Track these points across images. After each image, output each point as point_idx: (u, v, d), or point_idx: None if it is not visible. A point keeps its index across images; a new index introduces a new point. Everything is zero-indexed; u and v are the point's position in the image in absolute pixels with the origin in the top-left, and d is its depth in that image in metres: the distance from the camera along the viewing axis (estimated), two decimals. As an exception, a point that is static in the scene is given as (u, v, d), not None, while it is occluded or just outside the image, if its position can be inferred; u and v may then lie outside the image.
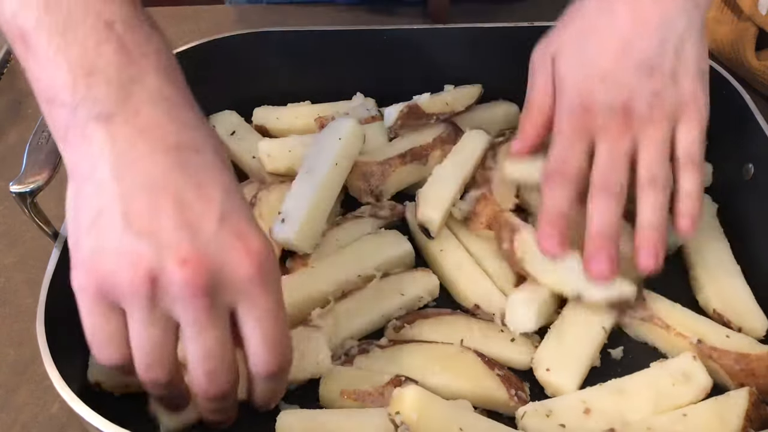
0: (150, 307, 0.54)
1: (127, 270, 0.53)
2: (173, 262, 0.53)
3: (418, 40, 1.04)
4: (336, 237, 0.89)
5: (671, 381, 0.75)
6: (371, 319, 0.83)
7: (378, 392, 0.75)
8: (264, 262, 0.56)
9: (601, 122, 0.75)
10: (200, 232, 0.54)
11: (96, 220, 0.55)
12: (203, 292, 0.54)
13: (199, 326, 0.55)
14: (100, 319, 0.56)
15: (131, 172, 0.54)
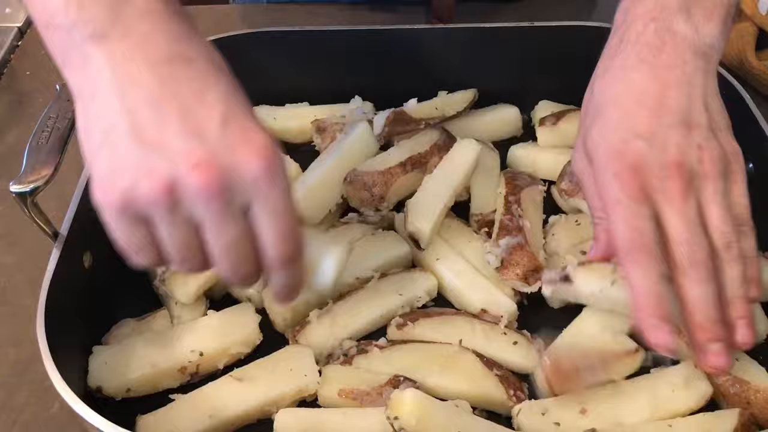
0: (172, 214, 0.58)
1: (144, 182, 0.56)
2: (186, 169, 0.56)
3: (418, 40, 1.04)
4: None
5: (671, 387, 0.75)
6: (370, 320, 0.83)
7: (376, 392, 0.75)
8: (270, 157, 0.58)
9: (658, 183, 0.68)
10: (206, 136, 0.57)
11: (105, 137, 0.57)
12: (218, 193, 0.56)
13: (217, 225, 0.58)
14: (127, 230, 0.59)
15: (131, 87, 0.57)
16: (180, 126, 0.56)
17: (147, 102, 0.57)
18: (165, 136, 0.56)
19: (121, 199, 0.57)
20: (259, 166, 0.57)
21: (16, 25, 1.30)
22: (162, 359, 0.78)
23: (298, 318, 0.83)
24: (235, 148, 0.57)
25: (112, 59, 0.57)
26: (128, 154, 0.56)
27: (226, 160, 0.57)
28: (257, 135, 0.58)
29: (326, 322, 0.81)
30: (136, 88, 0.57)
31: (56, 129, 0.79)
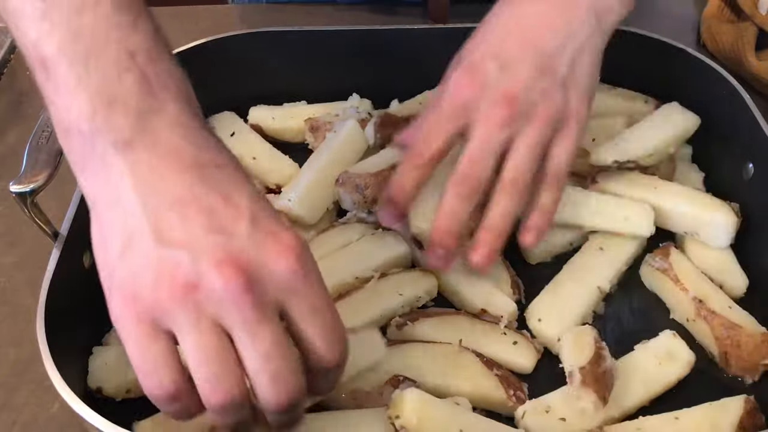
0: (197, 317, 0.52)
1: (166, 283, 0.52)
2: (210, 266, 0.52)
3: (417, 40, 1.04)
4: (323, 244, 0.89)
5: (656, 360, 0.78)
6: (370, 320, 0.83)
7: (377, 392, 0.75)
8: (301, 254, 0.55)
9: (485, 104, 0.73)
10: (233, 234, 0.53)
11: (127, 245, 0.54)
12: (245, 290, 0.52)
13: (249, 326, 0.53)
14: (144, 342, 0.53)
15: (156, 192, 0.54)
16: (206, 225, 0.53)
17: (172, 205, 0.53)
18: (190, 235, 0.53)
19: (138, 306, 0.53)
20: (291, 263, 0.54)
21: (16, 25, 1.30)
22: (162, 359, 0.78)
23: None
24: (264, 246, 0.54)
25: (135, 167, 0.54)
26: (150, 256, 0.53)
27: (254, 258, 0.53)
28: (287, 234, 0.55)
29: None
30: (160, 193, 0.54)
31: (56, 129, 0.79)
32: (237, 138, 1.01)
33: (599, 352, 0.74)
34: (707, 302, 0.81)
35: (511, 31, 0.76)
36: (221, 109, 1.05)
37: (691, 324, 0.83)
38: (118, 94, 0.55)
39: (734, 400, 0.75)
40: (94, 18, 0.55)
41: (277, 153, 1.02)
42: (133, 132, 0.54)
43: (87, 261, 0.82)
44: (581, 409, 0.72)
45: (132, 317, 0.53)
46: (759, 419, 0.74)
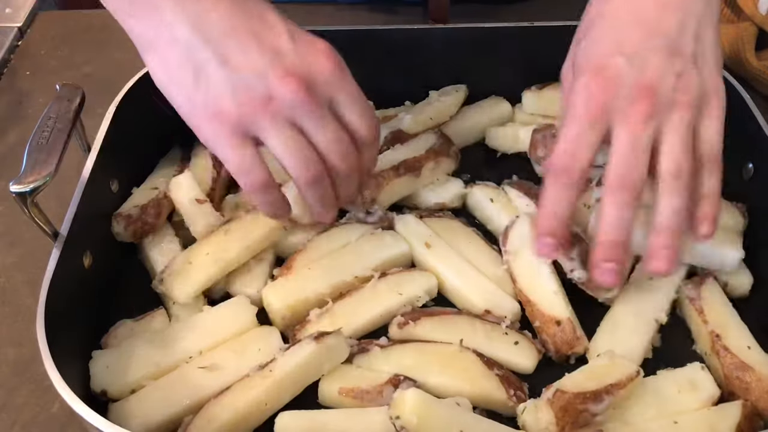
0: (276, 121, 0.68)
1: (247, 101, 0.66)
2: (276, 82, 0.66)
3: (417, 40, 1.04)
4: (323, 244, 0.89)
5: (677, 388, 0.75)
6: (370, 319, 0.83)
7: (376, 391, 0.75)
8: (336, 57, 0.71)
9: (623, 103, 0.69)
10: (282, 52, 0.67)
11: (198, 75, 0.66)
12: (307, 93, 0.67)
13: (316, 119, 0.69)
14: (239, 150, 0.68)
15: (207, 24, 0.65)
16: (259, 48, 0.66)
17: (224, 34, 0.66)
18: (250, 59, 0.66)
19: (229, 123, 0.67)
20: (331, 64, 0.69)
21: (16, 25, 1.31)
22: (163, 358, 0.78)
23: (298, 317, 0.83)
24: (308, 55, 0.68)
25: (182, 4, 0.65)
26: (225, 82, 0.66)
27: (304, 67, 0.68)
28: (320, 42, 0.70)
29: (326, 321, 0.81)
30: (210, 24, 0.65)
31: (56, 129, 0.79)
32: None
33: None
34: (724, 338, 0.78)
35: (626, 20, 0.72)
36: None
37: (707, 358, 0.81)
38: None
39: (732, 404, 0.74)
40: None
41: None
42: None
43: (87, 261, 0.82)
44: (537, 419, 0.72)
45: (223, 131, 0.67)
46: (757, 423, 0.74)
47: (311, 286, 0.84)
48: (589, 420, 0.71)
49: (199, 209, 0.90)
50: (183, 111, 0.69)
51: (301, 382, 0.76)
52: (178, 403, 0.74)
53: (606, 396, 0.71)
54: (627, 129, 0.69)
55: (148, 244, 0.90)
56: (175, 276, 0.84)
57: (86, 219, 0.81)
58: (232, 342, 0.80)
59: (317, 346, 0.75)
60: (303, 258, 0.87)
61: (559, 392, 0.71)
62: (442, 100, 1.05)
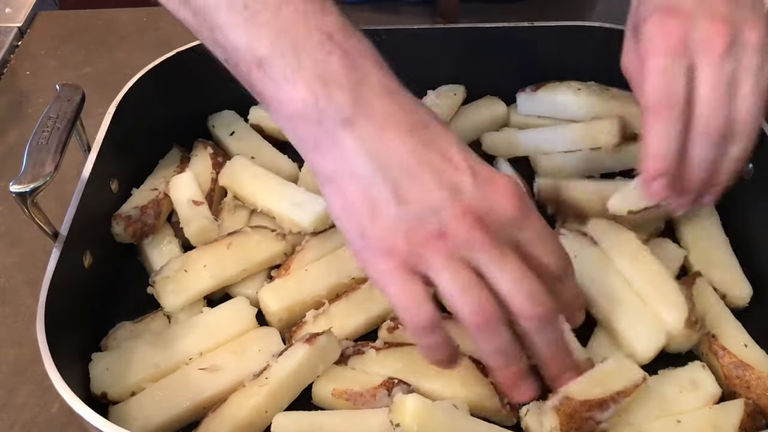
0: (449, 258, 0.62)
1: (420, 235, 0.62)
2: (452, 218, 0.61)
3: (418, 40, 1.04)
4: (321, 245, 0.89)
5: (678, 388, 0.75)
6: (366, 320, 0.83)
7: (370, 394, 0.74)
8: (521, 194, 0.64)
9: (701, 37, 0.69)
10: (462, 188, 0.62)
11: (374, 210, 0.62)
12: (486, 233, 0.62)
13: (495, 259, 0.62)
14: (407, 286, 0.63)
15: (386, 160, 0.62)
16: (437, 184, 0.62)
17: (403, 170, 0.61)
18: (427, 195, 0.62)
19: (398, 259, 0.62)
20: (515, 204, 0.63)
21: (16, 25, 1.31)
22: (163, 359, 0.78)
23: (294, 319, 0.83)
24: (490, 194, 0.63)
25: (364, 140, 0.61)
26: (398, 217, 0.62)
27: (484, 204, 0.62)
28: (503, 179, 0.64)
29: (322, 322, 0.81)
30: (390, 160, 0.62)
31: (56, 129, 0.79)
32: (237, 137, 1.02)
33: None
34: (720, 338, 0.78)
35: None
36: (222, 109, 1.04)
37: (705, 358, 0.80)
38: (329, 74, 0.61)
39: (735, 403, 0.74)
40: (290, 11, 0.62)
41: (277, 152, 1.02)
42: (352, 107, 0.61)
43: (87, 261, 0.82)
44: (541, 424, 0.71)
45: (392, 268, 0.63)
46: (760, 422, 0.74)
47: (308, 288, 0.84)
48: (594, 427, 0.71)
49: (194, 211, 0.90)
50: (354, 246, 0.65)
51: (298, 386, 0.76)
52: (178, 405, 0.74)
53: (612, 404, 0.71)
54: (710, 64, 0.69)
55: (148, 245, 0.90)
56: (167, 282, 0.84)
57: (86, 219, 0.81)
58: (231, 343, 0.79)
59: (310, 349, 0.74)
60: (300, 259, 0.87)
61: (567, 399, 0.71)
62: (438, 104, 1.04)
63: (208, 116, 1.04)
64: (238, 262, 0.86)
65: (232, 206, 0.94)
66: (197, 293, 0.84)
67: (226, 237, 0.88)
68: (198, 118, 1.04)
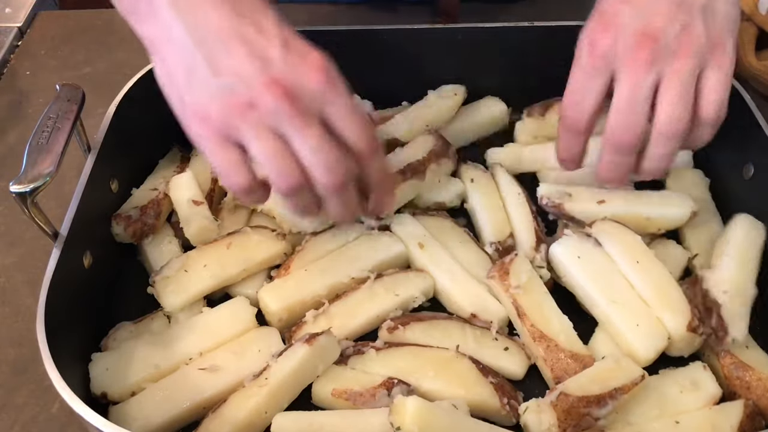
0: (258, 128, 0.66)
1: (230, 106, 0.65)
2: (261, 89, 0.65)
3: (417, 40, 1.04)
4: (321, 245, 0.89)
5: (678, 388, 0.75)
6: (366, 320, 0.83)
7: (369, 393, 0.74)
8: (329, 70, 0.68)
9: (624, 49, 0.71)
10: (272, 60, 0.66)
11: (189, 77, 0.66)
12: (291, 103, 0.65)
13: (299, 129, 0.66)
14: (222, 153, 0.68)
15: (201, 27, 0.66)
16: (247, 55, 0.65)
17: (216, 39, 0.65)
18: (237, 65, 0.65)
19: (213, 126, 0.66)
20: (321, 78, 0.66)
21: (16, 25, 1.31)
22: (163, 359, 0.78)
23: (294, 319, 0.83)
24: (298, 66, 0.66)
25: (179, 8, 0.66)
26: (210, 85, 0.65)
27: (291, 77, 0.66)
28: (314, 54, 0.67)
29: (322, 322, 0.81)
30: (204, 27, 0.65)
31: (56, 129, 0.79)
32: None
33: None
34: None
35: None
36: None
37: (706, 359, 0.80)
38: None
39: (734, 404, 0.74)
40: None
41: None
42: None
43: (87, 261, 0.82)
44: (540, 420, 0.72)
45: (208, 133, 0.67)
46: (759, 423, 0.73)
47: (308, 288, 0.84)
48: (591, 423, 0.71)
49: (194, 210, 0.90)
50: (176, 110, 0.70)
51: (297, 386, 0.76)
52: (178, 405, 0.75)
53: (610, 400, 0.71)
54: (628, 75, 0.71)
55: (148, 245, 0.90)
56: (167, 282, 0.84)
57: (86, 219, 0.81)
58: (231, 343, 0.80)
59: (309, 349, 0.74)
60: (300, 259, 0.87)
61: (563, 395, 0.71)
62: (438, 105, 1.04)
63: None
64: (238, 262, 0.86)
65: (232, 206, 0.94)
66: (197, 293, 0.84)
67: (225, 237, 0.88)
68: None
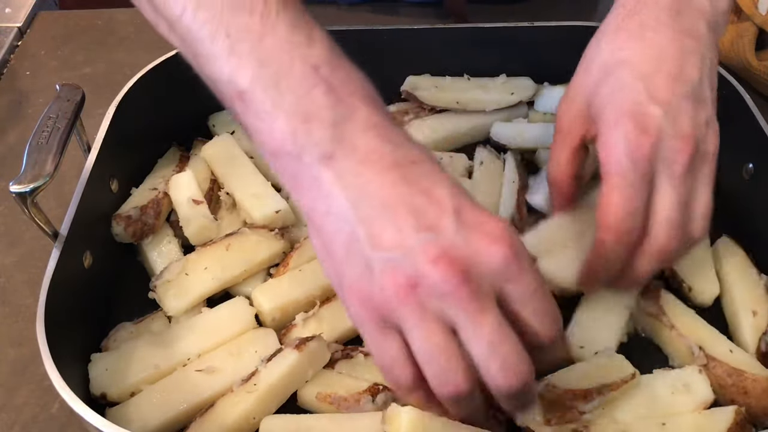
0: (421, 314, 0.56)
1: (390, 285, 0.56)
2: (426, 264, 0.55)
3: (418, 40, 1.04)
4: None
5: (670, 390, 0.74)
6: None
7: (354, 398, 0.74)
8: (512, 242, 0.57)
9: (667, 154, 0.67)
10: (442, 231, 0.56)
11: (350, 250, 0.58)
12: (462, 282, 0.55)
13: (472, 317, 0.56)
14: (380, 340, 0.59)
15: (363, 198, 0.57)
16: (415, 226, 0.56)
17: (379, 209, 0.57)
18: (402, 238, 0.56)
19: (372, 308, 0.58)
20: (503, 252, 0.56)
21: (16, 25, 1.31)
22: (163, 360, 0.78)
23: (287, 318, 0.83)
24: (474, 238, 0.56)
25: (342, 177, 0.57)
26: (371, 263, 0.57)
27: (465, 251, 0.56)
28: (493, 223, 0.57)
29: (312, 325, 0.81)
30: (367, 197, 0.57)
31: (56, 129, 0.79)
32: (237, 137, 1.01)
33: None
34: (707, 348, 0.77)
35: (651, 68, 0.69)
36: (222, 108, 1.03)
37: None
38: (311, 109, 0.58)
39: (725, 410, 0.73)
40: (274, 42, 0.58)
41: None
42: (333, 143, 0.57)
43: (87, 261, 0.82)
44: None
45: (367, 317, 0.59)
46: (749, 431, 0.72)
47: (301, 288, 0.83)
48: (577, 417, 0.70)
49: (194, 210, 0.90)
50: (333, 283, 0.62)
51: (286, 392, 0.76)
52: (175, 407, 0.74)
53: (597, 396, 0.71)
54: (672, 183, 0.67)
55: (147, 246, 0.90)
56: (168, 286, 0.83)
57: (86, 219, 0.81)
58: (228, 344, 0.79)
59: (299, 355, 0.74)
60: (299, 257, 0.87)
61: (550, 386, 0.71)
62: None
63: (209, 116, 1.04)
64: (239, 263, 0.86)
65: (230, 203, 0.94)
66: (200, 296, 0.84)
67: (224, 238, 0.88)
68: (198, 118, 1.04)
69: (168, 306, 0.83)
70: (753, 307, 0.81)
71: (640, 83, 0.68)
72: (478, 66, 1.05)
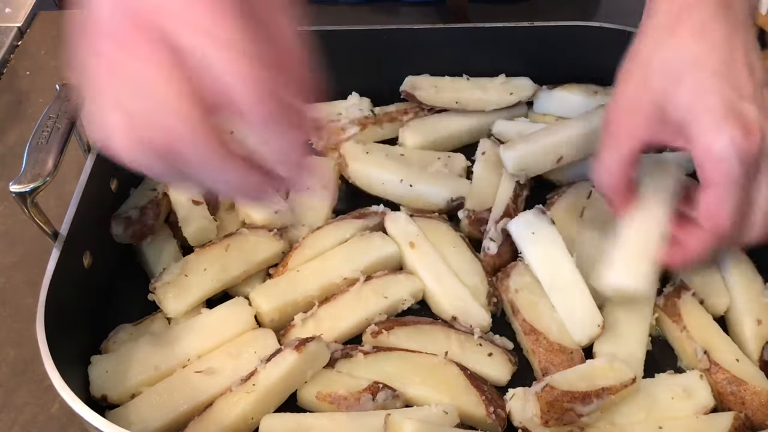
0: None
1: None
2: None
3: (418, 40, 1.04)
4: (318, 242, 0.89)
5: (670, 394, 0.75)
6: (355, 323, 0.82)
7: (354, 397, 0.74)
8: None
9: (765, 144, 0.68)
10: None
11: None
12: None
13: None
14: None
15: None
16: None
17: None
18: None
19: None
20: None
21: (16, 25, 1.31)
22: (164, 361, 0.78)
23: (286, 319, 0.83)
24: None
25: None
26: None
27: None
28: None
29: (311, 325, 0.81)
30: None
31: (56, 129, 0.79)
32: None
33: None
34: (712, 353, 0.77)
35: (725, 64, 0.68)
36: (221, 109, 1.04)
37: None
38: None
39: (724, 415, 0.73)
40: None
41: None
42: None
43: (87, 261, 0.82)
44: (524, 408, 0.72)
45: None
46: None
47: (299, 289, 0.84)
48: (574, 419, 0.71)
49: (193, 211, 0.90)
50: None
51: (285, 392, 0.76)
52: (175, 408, 0.74)
53: (595, 399, 0.71)
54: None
55: (146, 247, 0.90)
56: (168, 288, 0.83)
57: (86, 219, 0.81)
58: (227, 345, 0.79)
59: (299, 356, 0.74)
60: (298, 257, 0.87)
61: (549, 387, 0.71)
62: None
63: (208, 116, 1.04)
64: (238, 264, 0.86)
65: (229, 204, 0.94)
66: (199, 297, 0.84)
67: (223, 239, 0.88)
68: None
69: (168, 308, 0.83)
70: (758, 316, 0.81)
71: (723, 82, 0.68)
72: (478, 66, 1.05)
